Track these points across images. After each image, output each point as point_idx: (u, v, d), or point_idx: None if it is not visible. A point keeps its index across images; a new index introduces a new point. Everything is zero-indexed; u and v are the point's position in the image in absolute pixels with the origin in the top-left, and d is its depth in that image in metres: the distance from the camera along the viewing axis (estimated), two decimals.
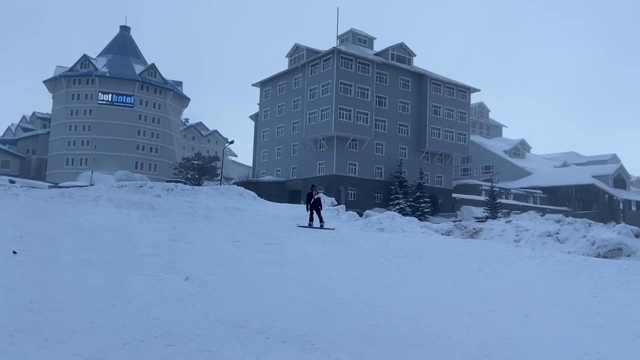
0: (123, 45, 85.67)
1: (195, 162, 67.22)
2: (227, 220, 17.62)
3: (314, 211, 18.82)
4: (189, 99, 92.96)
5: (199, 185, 54.87)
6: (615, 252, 16.37)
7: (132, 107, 79.87)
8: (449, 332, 6.76)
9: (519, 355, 5.91)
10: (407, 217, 23.11)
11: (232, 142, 54.09)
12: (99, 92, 78.51)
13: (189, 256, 11.12)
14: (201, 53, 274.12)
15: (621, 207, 69.25)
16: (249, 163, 79.92)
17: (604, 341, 6.65)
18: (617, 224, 22.00)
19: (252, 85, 63.48)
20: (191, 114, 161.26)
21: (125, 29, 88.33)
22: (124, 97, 79.59)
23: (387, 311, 7.81)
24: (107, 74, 79.13)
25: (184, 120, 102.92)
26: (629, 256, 15.87)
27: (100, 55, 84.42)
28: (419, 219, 30.87)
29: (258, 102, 63.88)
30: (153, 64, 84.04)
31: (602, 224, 22.08)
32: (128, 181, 31.17)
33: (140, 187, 21.35)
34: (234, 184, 47.13)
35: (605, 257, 15.76)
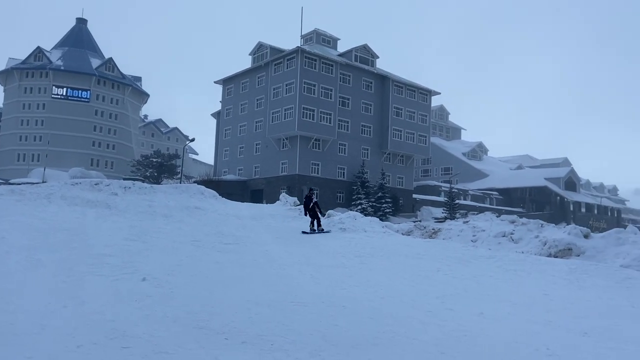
0: (79, 38, 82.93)
1: (155, 160, 65.70)
2: (186, 220, 17.34)
3: (313, 215, 18.22)
4: (148, 95, 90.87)
5: (158, 183, 53.72)
6: (565, 251, 17.02)
7: (88, 102, 77.43)
8: (407, 330, 6.87)
9: (474, 352, 6.07)
10: (369, 217, 23.32)
11: (192, 139, 53.17)
12: (53, 85, 75.76)
13: (146, 256, 10.89)
14: (162, 49, 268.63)
15: (571, 208, 72.09)
16: (211, 161, 78.97)
17: (554, 337, 6.91)
18: (567, 224, 22.89)
19: (215, 82, 62.68)
20: (150, 110, 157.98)
21: (81, 22, 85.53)
22: (80, 91, 77.07)
23: (348, 310, 7.87)
24: (62, 68, 76.47)
25: (142, 117, 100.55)
26: (578, 256, 16.54)
27: (55, 47, 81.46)
28: (380, 219, 31.23)
29: (220, 99, 63.13)
30: (110, 58, 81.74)
31: (554, 224, 22.93)
32: (83, 178, 30.20)
33: (95, 184, 20.71)
34: (194, 182, 46.39)
35: (556, 257, 16.36)
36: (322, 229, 17.94)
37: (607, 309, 8.94)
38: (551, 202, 71.61)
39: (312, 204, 18.21)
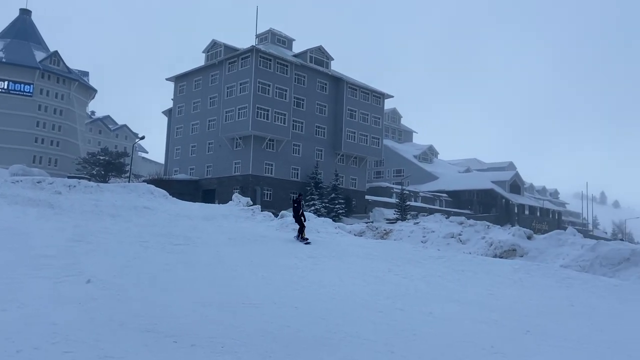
0: (23, 29, 78.96)
1: (102, 158, 63.43)
2: (135, 220, 16.85)
3: (300, 221, 16.40)
4: (95, 91, 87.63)
5: (105, 182, 51.89)
6: (510, 252, 17.71)
7: (31, 96, 73.83)
8: (358, 330, 6.94)
9: (422, 352, 6.20)
10: (322, 218, 23.45)
11: (142, 137, 51.81)
12: None
13: (91, 257, 10.51)
14: (112, 43, 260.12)
15: (516, 210, 75.03)
16: (161, 160, 77.05)
17: (498, 336, 7.16)
18: (512, 226, 23.80)
19: (166, 79, 61.25)
20: (98, 106, 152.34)
21: (25, 12, 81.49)
22: (22, 85, 73.37)
23: (299, 311, 7.87)
24: (4, 60, 72.57)
25: (89, 113, 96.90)
26: (522, 256, 17.24)
27: None
28: (333, 220, 31.43)
29: (172, 97, 61.75)
30: (56, 52, 78.32)
31: (499, 226, 23.81)
32: (24, 176, 28.75)
33: (38, 182, 19.80)
34: (143, 181, 45.08)
35: (502, 257, 16.99)
36: (305, 238, 16.02)
37: (548, 308, 9.36)
38: (497, 204, 74.25)
39: (301, 210, 16.57)
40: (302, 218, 16.57)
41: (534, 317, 8.52)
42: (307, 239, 15.79)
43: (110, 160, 62.84)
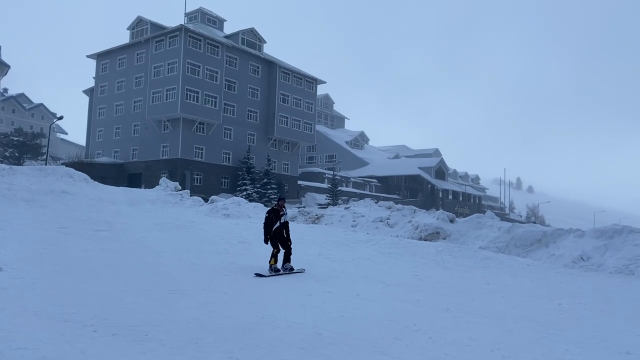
0: None
1: (15, 139, 59.10)
2: (52, 205, 15.91)
3: (280, 242, 10.62)
4: (8, 66, 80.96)
5: (19, 164, 48.46)
6: (434, 235, 18.47)
7: None
8: (286, 313, 7.00)
9: (348, 332, 6.35)
10: (253, 203, 23.29)
11: (61, 117, 48.63)
12: None
13: (3, 244, 9.83)
14: (26, 15, 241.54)
15: (440, 195, 78.31)
16: (82, 142, 73.06)
17: (420, 314, 7.48)
18: (436, 210, 24.82)
19: (87, 56, 57.75)
20: (11, 83, 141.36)
21: None
22: None
23: (228, 297, 7.81)
24: None
25: (1, 91, 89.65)
26: (445, 239, 18.05)
27: None
28: (265, 205, 31.25)
29: (94, 75, 58.41)
30: None
31: (425, 210, 24.75)
32: None
33: None
34: (62, 164, 42.57)
35: (426, 240, 17.70)
36: (292, 267, 10.52)
37: (467, 287, 9.89)
38: (423, 190, 77.10)
39: (279, 222, 10.66)
40: (286, 235, 10.78)
41: (453, 295, 8.97)
42: (288, 271, 10.39)
43: (24, 142, 58.75)
